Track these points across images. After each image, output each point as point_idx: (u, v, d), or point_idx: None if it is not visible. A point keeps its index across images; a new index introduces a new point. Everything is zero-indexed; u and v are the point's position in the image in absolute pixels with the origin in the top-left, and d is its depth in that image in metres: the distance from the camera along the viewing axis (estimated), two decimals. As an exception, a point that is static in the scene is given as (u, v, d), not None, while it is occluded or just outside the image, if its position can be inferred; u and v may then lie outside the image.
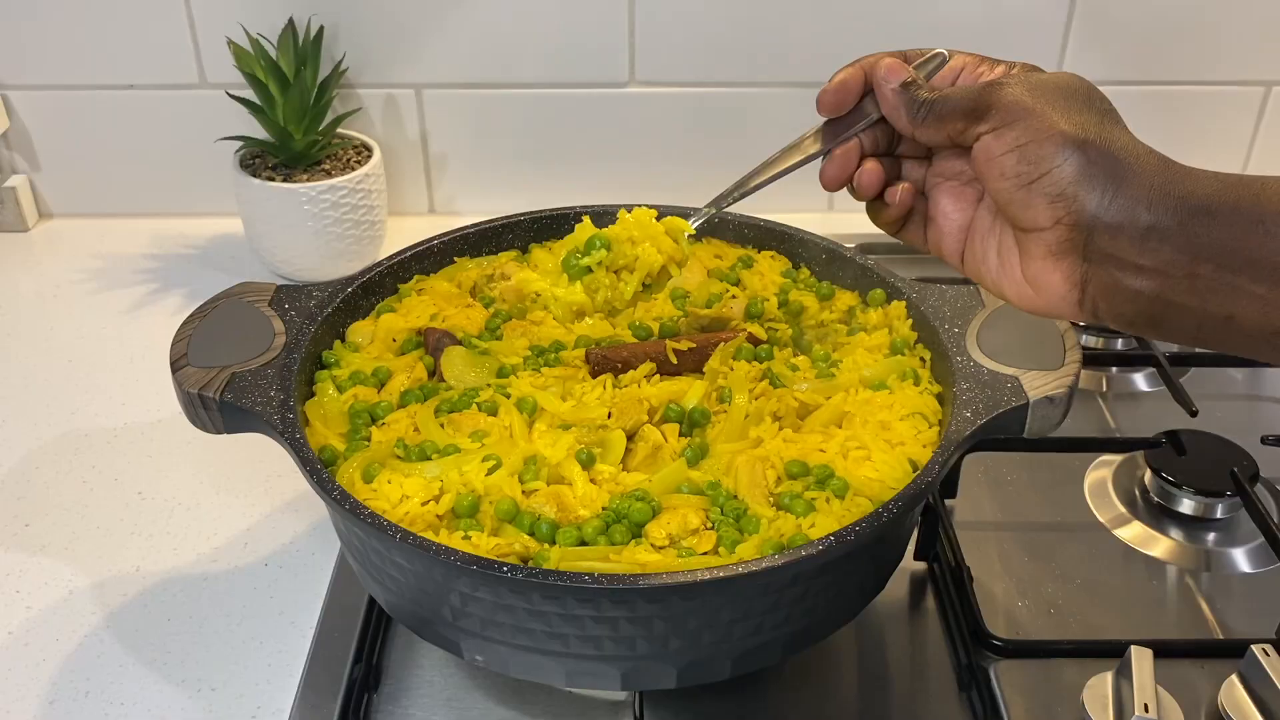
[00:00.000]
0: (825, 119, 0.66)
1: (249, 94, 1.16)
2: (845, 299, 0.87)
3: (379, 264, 0.87)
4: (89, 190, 1.35)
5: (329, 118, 1.21)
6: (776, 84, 1.29)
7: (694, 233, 0.77)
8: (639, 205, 0.78)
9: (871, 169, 0.65)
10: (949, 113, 0.60)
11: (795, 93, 1.29)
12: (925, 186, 0.66)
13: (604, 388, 0.78)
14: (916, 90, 0.61)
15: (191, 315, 0.79)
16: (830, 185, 0.66)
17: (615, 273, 0.76)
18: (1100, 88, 0.59)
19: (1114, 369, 1.08)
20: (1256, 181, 0.54)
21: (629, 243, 0.75)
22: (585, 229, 0.76)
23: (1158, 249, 0.54)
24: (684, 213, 0.78)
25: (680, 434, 0.75)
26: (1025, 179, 0.56)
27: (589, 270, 0.75)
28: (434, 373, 0.81)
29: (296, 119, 1.16)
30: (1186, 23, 1.25)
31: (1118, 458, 0.96)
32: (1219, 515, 0.90)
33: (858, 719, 0.76)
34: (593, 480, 0.71)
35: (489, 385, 0.79)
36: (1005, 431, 0.72)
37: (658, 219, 0.76)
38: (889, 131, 0.65)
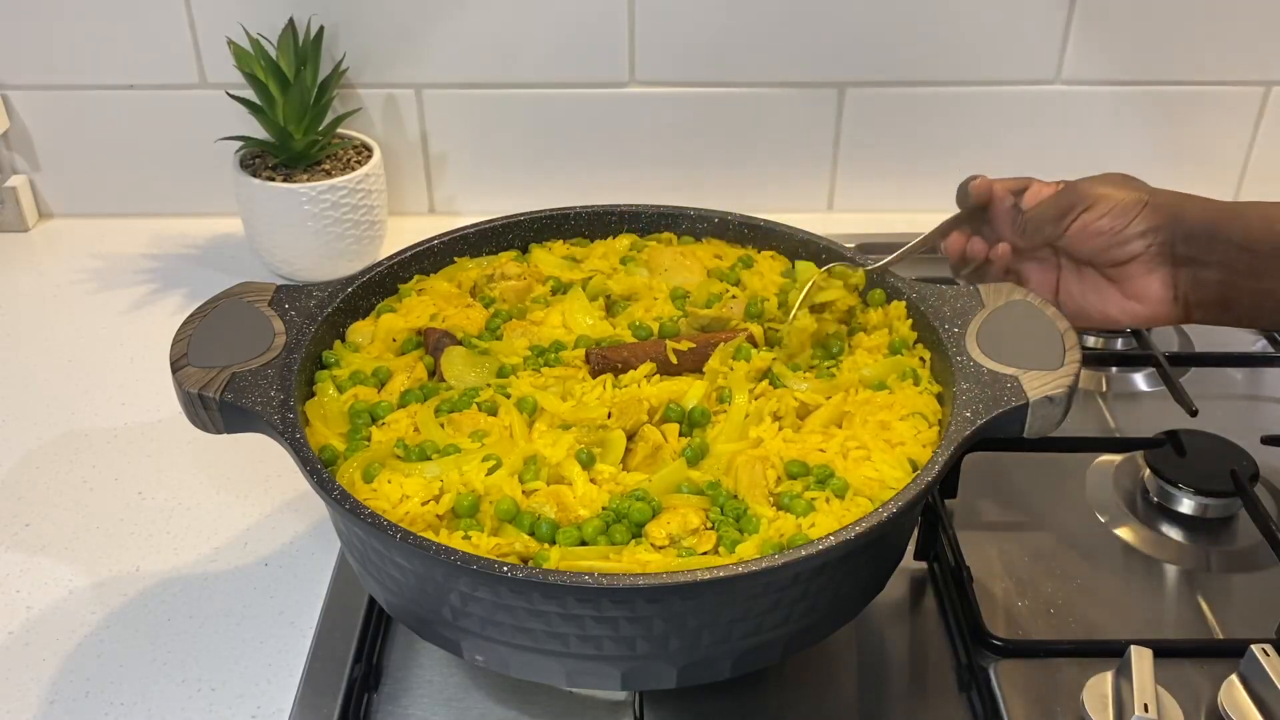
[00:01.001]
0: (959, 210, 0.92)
1: (249, 94, 1.16)
2: (845, 299, 0.87)
3: (379, 264, 0.87)
4: (89, 190, 1.35)
5: (329, 118, 1.21)
6: (776, 84, 1.29)
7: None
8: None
9: (979, 246, 0.91)
10: (1045, 221, 0.86)
11: (795, 93, 1.29)
12: (1011, 268, 0.91)
13: (604, 388, 0.78)
14: (1016, 213, 0.88)
15: (191, 315, 0.79)
16: (959, 260, 0.93)
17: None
18: (1101, 88, 0.63)
19: (1114, 369, 1.08)
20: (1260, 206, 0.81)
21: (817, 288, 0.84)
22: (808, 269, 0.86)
23: (1220, 245, 0.80)
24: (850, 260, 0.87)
25: (680, 434, 0.75)
26: (1119, 230, 0.83)
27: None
28: (434, 373, 0.81)
29: (296, 119, 1.16)
30: (1186, 23, 1.25)
31: (1118, 458, 0.96)
32: (1219, 515, 0.90)
33: (858, 719, 0.76)
34: (593, 480, 0.71)
35: (489, 385, 0.79)
36: (1005, 431, 0.72)
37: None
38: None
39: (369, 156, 1.23)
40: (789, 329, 0.82)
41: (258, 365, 0.75)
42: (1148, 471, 0.92)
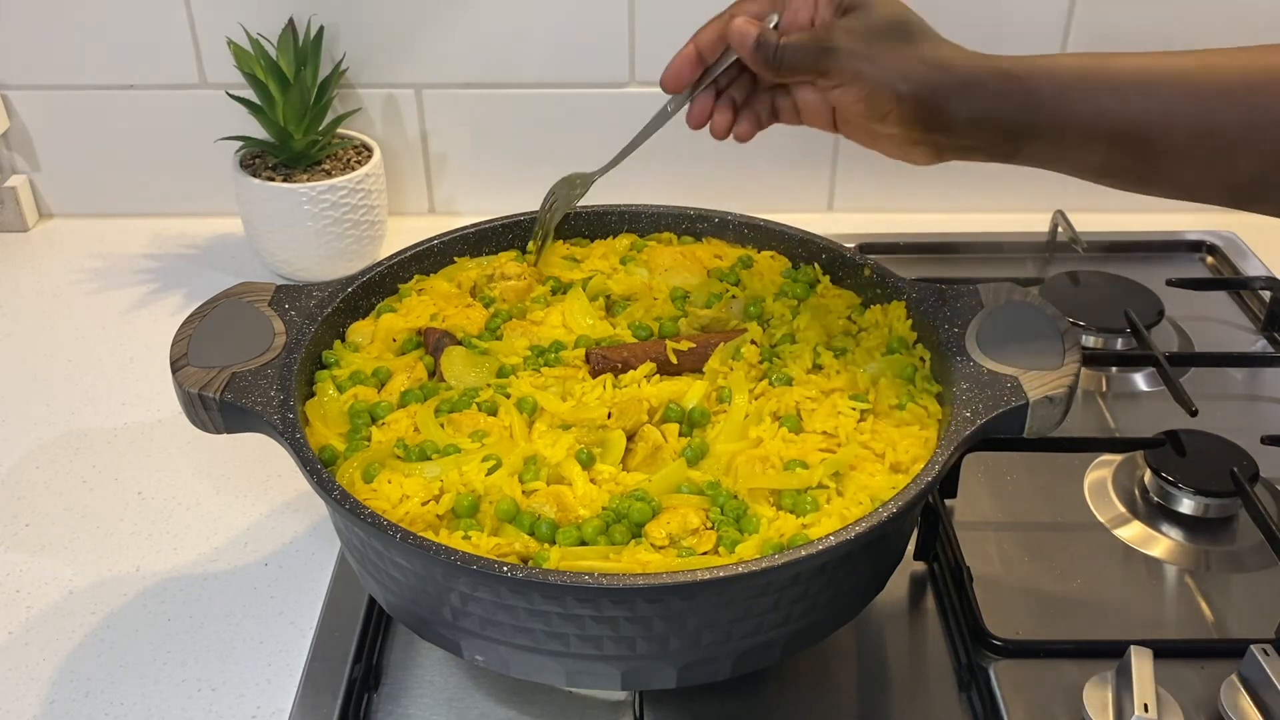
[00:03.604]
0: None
1: (249, 94, 1.16)
2: (845, 299, 0.87)
3: (379, 264, 0.87)
4: (89, 190, 1.35)
5: (329, 118, 1.21)
6: (776, 84, 1.29)
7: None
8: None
9: (721, 117, 0.83)
10: (798, 68, 0.75)
11: (795, 93, 1.29)
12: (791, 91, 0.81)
13: (604, 388, 0.78)
14: (768, 44, 0.74)
15: (191, 315, 0.79)
16: (693, 125, 0.84)
17: None
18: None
19: (1114, 369, 1.08)
20: (1042, 61, 0.73)
21: None
22: None
23: (982, 133, 0.73)
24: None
25: (680, 434, 0.75)
26: (875, 117, 0.74)
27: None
28: (434, 373, 0.81)
29: (296, 119, 1.16)
30: (1185, 23, 1.25)
31: (1118, 458, 0.96)
32: (1219, 515, 0.90)
33: (858, 719, 0.76)
34: (593, 480, 0.71)
35: (489, 385, 0.79)
36: (1005, 431, 0.72)
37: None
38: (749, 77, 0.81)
39: (369, 156, 1.23)
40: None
41: (258, 365, 0.75)
42: (1148, 471, 0.92)
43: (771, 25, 0.76)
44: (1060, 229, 1.24)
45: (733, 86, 0.82)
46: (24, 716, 0.77)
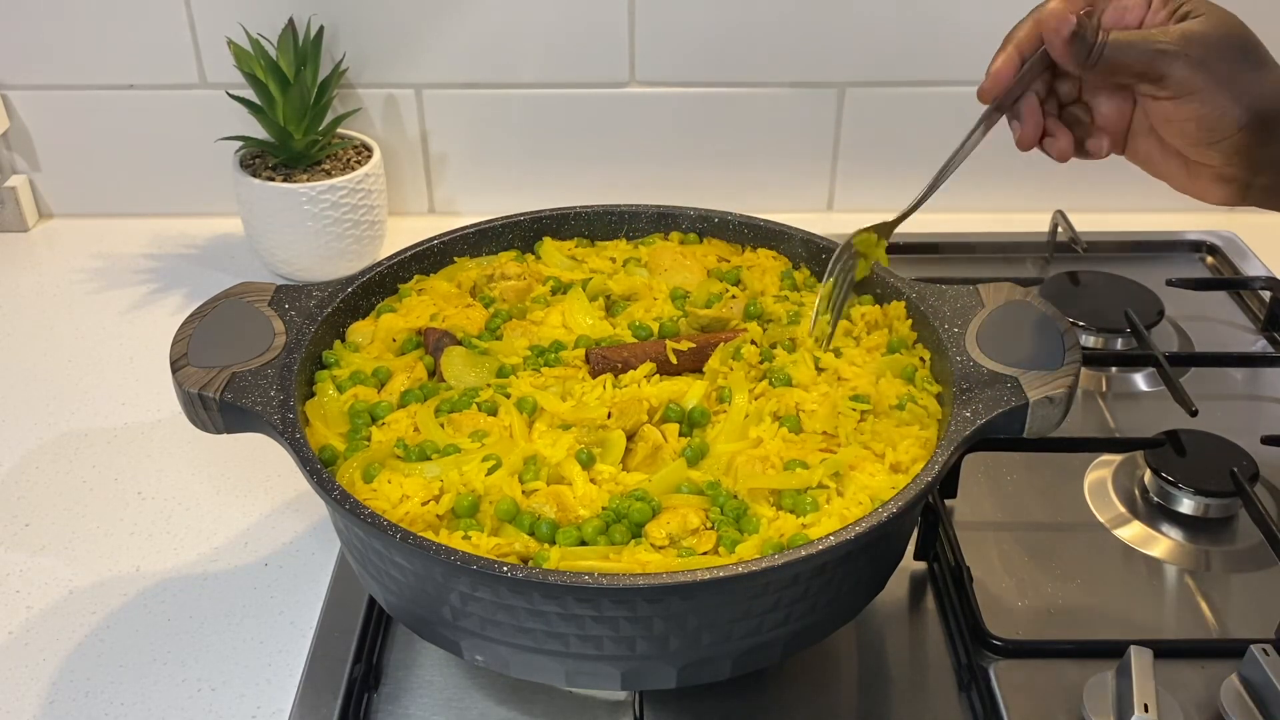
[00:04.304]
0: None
1: (249, 94, 1.16)
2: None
3: (379, 264, 0.87)
4: (89, 190, 1.35)
5: (329, 118, 1.21)
6: (776, 84, 1.29)
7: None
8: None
9: (1063, 136, 0.72)
10: (1120, 68, 0.67)
11: (795, 93, 1.29)
12: (1082, 94, 0.73)
13: (604, 388, 0.78)
14: (1087, 35, 0.67)
15: (191, 315, 0.79)
16: (1025, 146, 0.73)
17: None
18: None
19: (1114, 369, 1.08)
20: None
21: None
22: None
23: None
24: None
25: (680, 434, 0.75)
26: (1204, 141, 0.67)
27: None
28: (434, 373, 0.81)
29: (296, 119, 1.16)
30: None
31: (1118, 458, 0.96)
32: (1219, 515, 0.90)
33: (858, 719, 0.76)
34: (593, 480, 0.71)
35: (489, 385, 0.79)
36: (1005, 431, 0.72)
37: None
38: (1046, 78, 0.72)
39: (369, 156, 1.23)
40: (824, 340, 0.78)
41: (258, 365, 0.75)
42: (1148, 471, 0.92)
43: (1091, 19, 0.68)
44: (1060, 229, 1.24)
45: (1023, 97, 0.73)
46: (24, 716, 0.77)
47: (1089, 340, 1.10)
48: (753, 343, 0.82)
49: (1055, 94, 0.73)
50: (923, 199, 0.77)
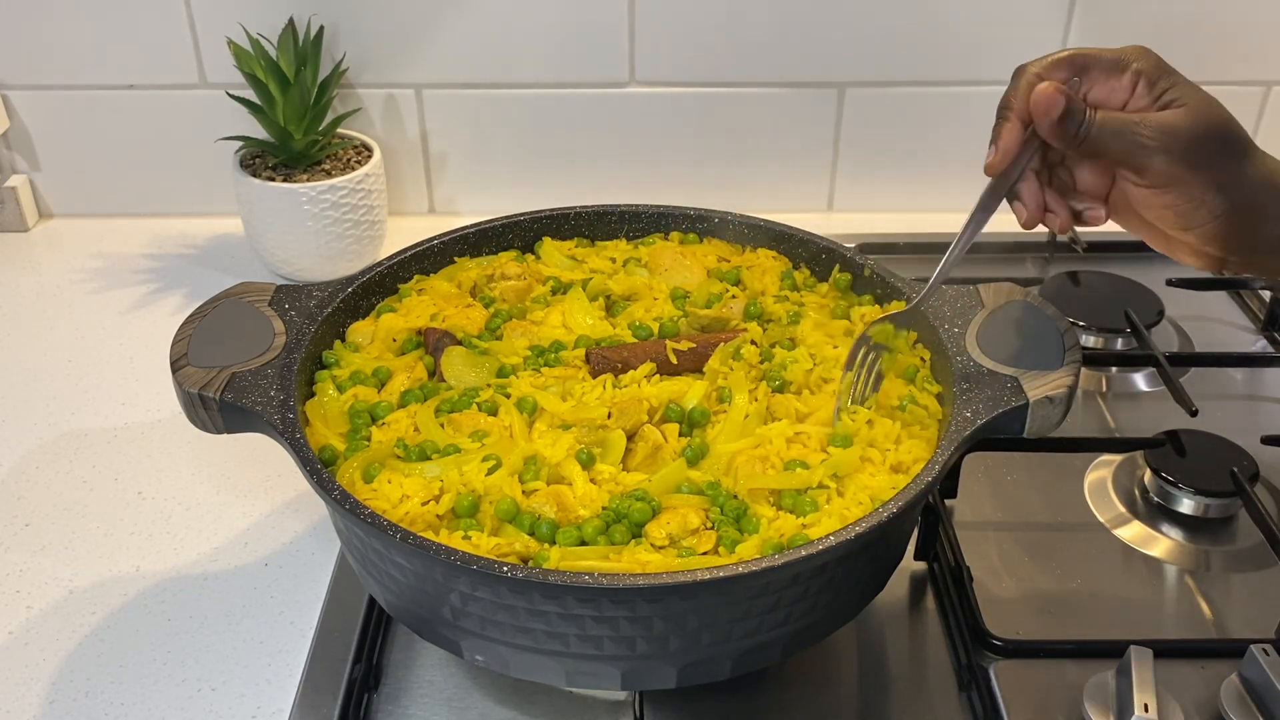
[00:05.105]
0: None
1: (249, 94, 1.16)
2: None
3: (379, 264, 0.87)
4: (89, 190, 1.35)
5: (329, 118, 1.21)
6: (776, 84, 1.29)
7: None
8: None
9: (1061, 210, 0.73)
10: (1103, 150, 0.68)
11: (795, 93, 1.29)
12: (1065, 160, 0.74)
13: (604, 388, 0.78)
14: (1076, 114, 0.68)
15: (191, 315, 0.79)
16: (1029, 225, 0.74)
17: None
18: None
19: (1114, 369, 1.08)
20: None
21: None
22: None
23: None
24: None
25: (680, 434, 0.75)
26: (1179, 227, 0.69)
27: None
28: (434, 373, 0.81)
29: (296, 119, 1.16)
30: (1186, 23, 1.25)
31: (1118, 458, 0.96)
32: (1219, 515, 0.90)
33: (858, 719, 0.76)
34: (593, 480, 0.72)
35: (489, 385, 0.79)
36: (1005, 431, 0.72)
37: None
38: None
39: (369, 156, 1.23)
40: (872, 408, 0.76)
41: (258, 365, 0.75)
42: (1148, 472, 0.92)
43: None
44: (1060, 229, 1.24)
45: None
46: (24, 716, 0.77)
47: (1089, 340, 1.10)
48: (753, 343, 0.82)
49: (1045, 161, 0.74)
50: (933, 285, 0.77)
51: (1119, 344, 1.10)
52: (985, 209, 0.74)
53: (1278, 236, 0.69)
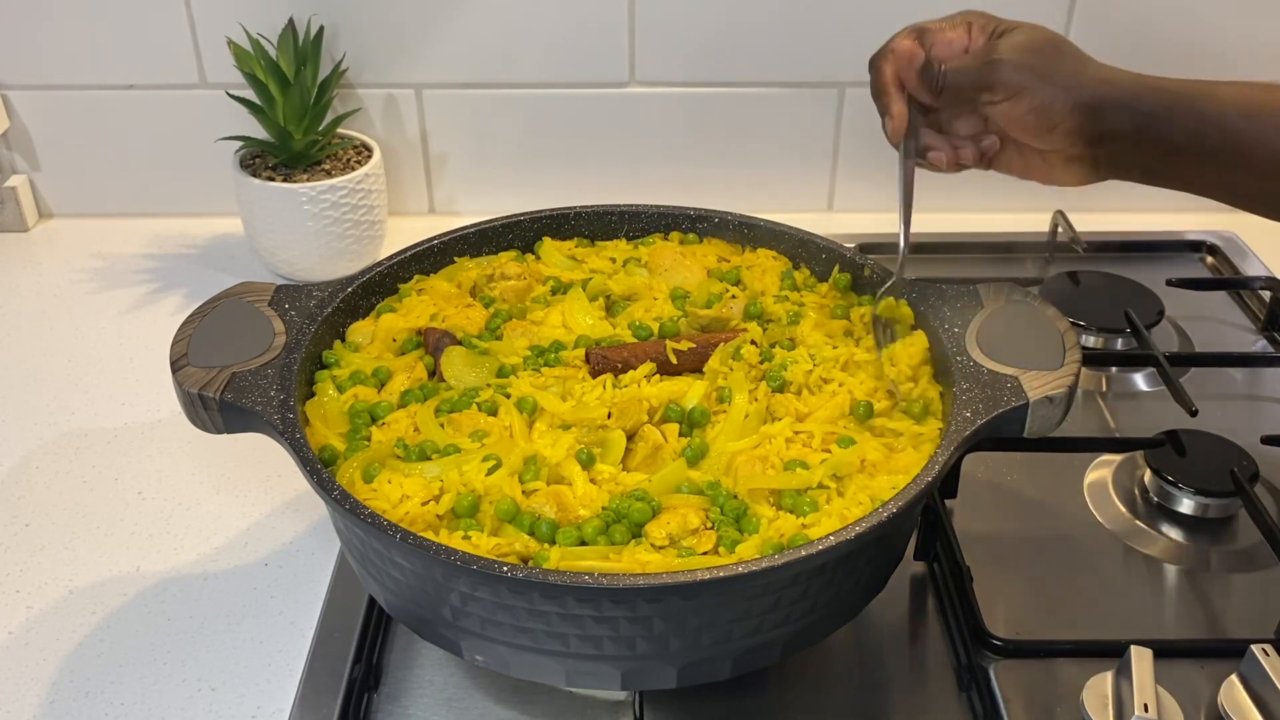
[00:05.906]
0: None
1: (249, 94, 1.16)
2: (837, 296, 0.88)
3: (379, 264, 0.87)
4: (89, 190, 1.35)
5: (329, 118, 1.21)
6: (776, 84, 1.29)
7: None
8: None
9: (966, 145, 0.85)
10: (961, 87, 0.80)
11: (795, 93, 1.29)
12: (942, 126, 0.86)
13: (604, 388, 0.78)
14: (932, 66, 0.81)
15: (191, 315, 0.79)
16: (951, 167, 0.85)
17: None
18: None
19: (1114, 369, 1.08)
20: (1207, 85, 0.77)
21: None
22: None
23: (1144, 148, 0.77)
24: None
25: (680, 434, 0.75)
26: (1044, 128, 0.78)
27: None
28: (434, 373, 0.81)
29: (296, 119, 1.16)
30: (1186, 24, 1.25)
31: (1118, 458, 0.96)
32: (1219, 515, 0.90)
33: (857, 719, 0.76)
34: (593, 480, 0.72)
35: (489, 385, 0.79)
36: (1005, 431, 0.72)
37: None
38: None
39: (369, 156, 1.23)
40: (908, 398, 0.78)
41: (258, 365, 0.75)
42: (1148, 471, 0.92)
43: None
44: (1060, 229, 1.24)
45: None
46: (24, 716, 0.77)
47: (1089, 340, 1.10)
48: (753, 343, 0.82)
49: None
50: (905, 242, 0.84)
51: (1119, 344, 1.10)
52: (908, 171, 0.85)
53: (1130, 126, 0.77)
